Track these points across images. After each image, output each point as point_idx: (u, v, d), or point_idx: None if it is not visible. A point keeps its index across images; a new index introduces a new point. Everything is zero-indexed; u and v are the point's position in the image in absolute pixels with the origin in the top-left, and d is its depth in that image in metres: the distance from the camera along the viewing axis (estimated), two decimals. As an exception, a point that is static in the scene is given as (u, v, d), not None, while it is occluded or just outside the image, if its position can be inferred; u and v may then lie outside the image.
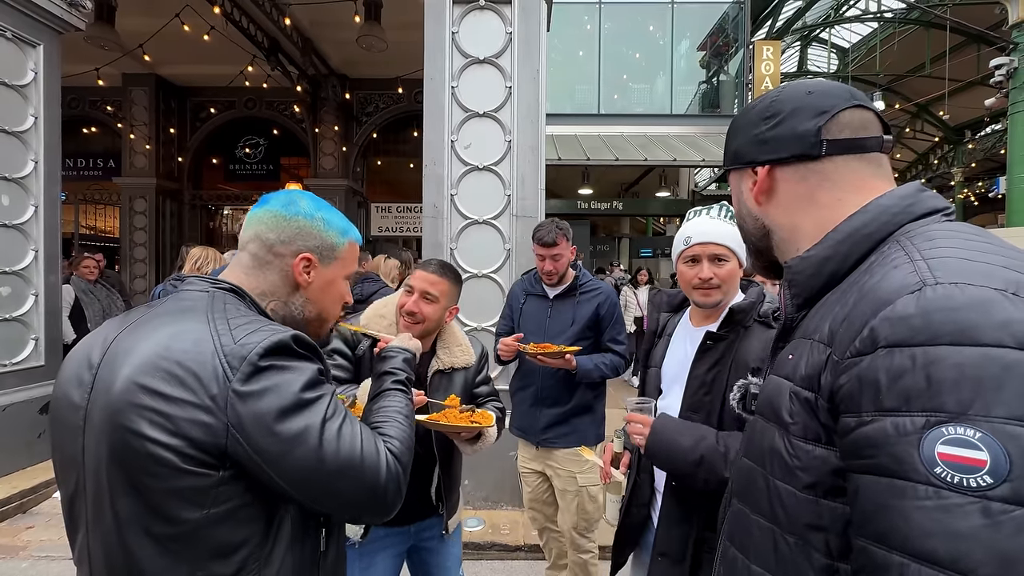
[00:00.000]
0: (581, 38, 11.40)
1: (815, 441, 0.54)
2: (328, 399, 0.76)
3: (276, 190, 0.93)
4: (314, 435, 0.72)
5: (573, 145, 9.53)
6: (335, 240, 0.90)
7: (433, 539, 1.62)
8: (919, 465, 0.43)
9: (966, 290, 0.46)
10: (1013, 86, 7.02)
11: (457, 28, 3.22)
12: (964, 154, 15.31)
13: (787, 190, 0.68)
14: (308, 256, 0.87)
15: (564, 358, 2.02)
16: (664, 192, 11.70)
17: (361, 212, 10.37)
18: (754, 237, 0.75)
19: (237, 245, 0.93)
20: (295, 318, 0.88)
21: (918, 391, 0.44)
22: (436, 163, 3.22)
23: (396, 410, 0.93)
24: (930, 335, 0.44)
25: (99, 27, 5.78)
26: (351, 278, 0.96)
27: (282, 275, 0.86)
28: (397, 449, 0.83)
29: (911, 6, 10.64)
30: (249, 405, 0.69)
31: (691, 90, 11.91)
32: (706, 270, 1.27)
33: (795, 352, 0.60)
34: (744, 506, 0.65)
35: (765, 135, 0.69)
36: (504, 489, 3.23)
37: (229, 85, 8.51)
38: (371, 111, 9.75)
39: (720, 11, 11.39)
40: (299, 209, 0.88)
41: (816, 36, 14.99)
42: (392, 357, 1.08)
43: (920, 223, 0.58)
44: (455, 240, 3.24)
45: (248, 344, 0.71)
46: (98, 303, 4.78)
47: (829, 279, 0.61)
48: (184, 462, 0.67)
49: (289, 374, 0.72)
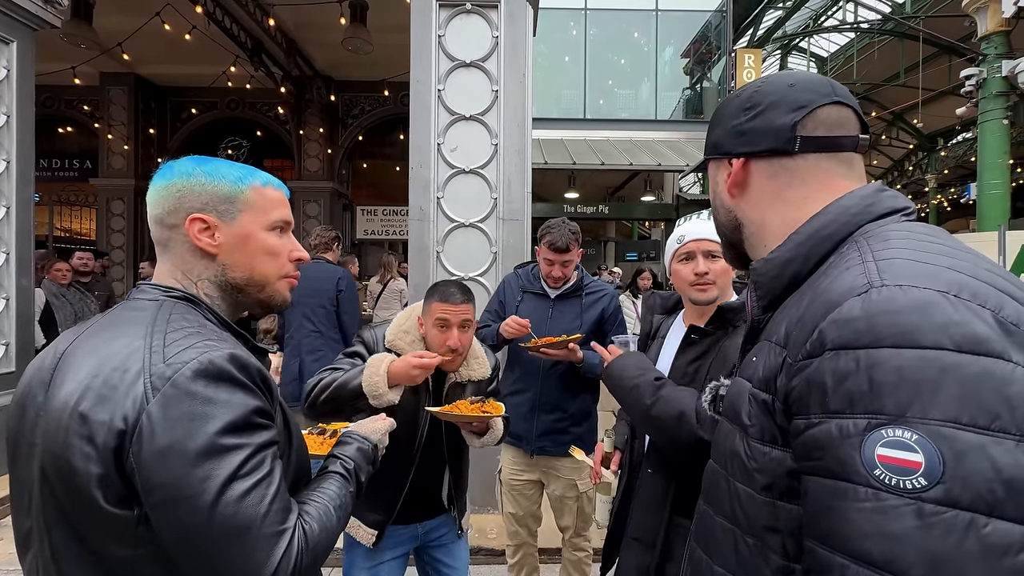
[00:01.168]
0: (567, 43, 11.50)
1: (771, 443, 0.54)
2: (252, 450, 0.65)
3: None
4: (211, 491, 0.61)
5: (559, 149, 9.59)
6: (228, 190, 0.78)
7: (443, 539, 1.63)
8: (860, 467, 0.43)
9: (909, 292, 0.46)
10: (982, 96, 7.27)
11: (443, 31, 3.23)
12: (937, 161, 15.80)
13: (759, 185, 0.68)
14: (199, 216, 0.75)
15: (568, 348, 1.94)
16: (649, 196, 11.83)
17: (347, 215, 10.28)
18: (726, 229, 0.75)
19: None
20: (225, 288, 0.79)
21: (861, 393, 0.44)
22: (422, 166, 3.21)
23: (330, 497, 0.82)
24: (873, 338, 0.45)
25: (76, 25, 5.66)
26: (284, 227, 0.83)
27: (187, 249, 0.76)
28: (311, 532, 0.72)
29: (886, 17, 10.97)
30: (155, 434, 0.60)
31: (675, 96, 12.09)
32: (701, 265, 1.30)
33: (758, 354, 0.61)
34: (709, 507, 0.66)
35: (743, 126, 0.68)
36: (490, 492, 3.22)
37: (211, 86, 8.39)
38: (357, 113, 9.69)
39: (703, 19, 11.60)
40: (175, 172, 0.77)
41: (796, 45, 15.34)
42: (347, 443, 0.97)
43: (879, 223, 0.58)
44: (441, 243, 3.23)
45: (176, 363, 0.63)
46: (70, 307, 4.64)
47: (792, 281, 0.61)
48: (105, 498, 0.61)
49: (211, 408, 0.63)
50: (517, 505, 2.26)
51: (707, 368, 1.20)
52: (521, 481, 2.23)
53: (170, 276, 0.79)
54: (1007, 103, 7.17)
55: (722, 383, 0.71)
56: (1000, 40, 7.04)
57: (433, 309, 1.46)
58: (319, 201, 9.48)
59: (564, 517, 2.22)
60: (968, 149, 13.60)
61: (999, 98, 7.12)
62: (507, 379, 2.29)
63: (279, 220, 0.82)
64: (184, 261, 0.78)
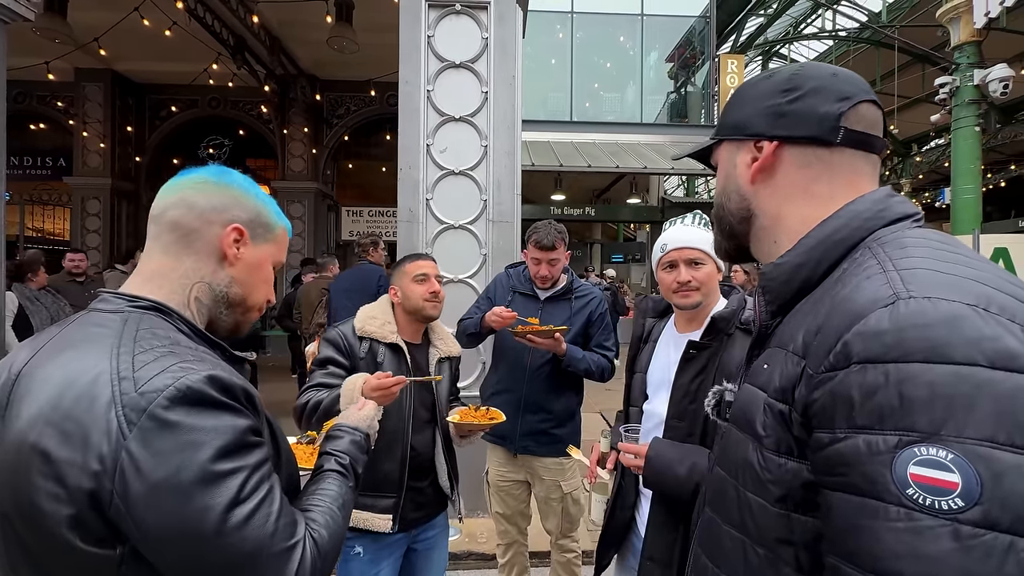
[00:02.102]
0: (554, 46, 11.55)
1: (787, 454, 0.53)
2: (249, 471, 0.62)
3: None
4: (214, 521, 0.58)
5: (546, 151, 9.62)
6: (270, 219, 0.82)
7: (428, 540, 1.70)
8: (891, 486, 0.42)
9: (939, 305, 0.44)
10: (955, 103, 7.49)
11: (433, 32, 3.21)
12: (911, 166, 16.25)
13: (787, 173, 0.64)
14: (241, 228, 0.76)
15: (555, 338, 1.98)
16: (635, 199, 11.93)
17: (331, 216, 10.15)
18: (734, 217, 0.70)
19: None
20: (219, 300, 0.77)
21: (891, 409, 0.43)
22: (411, 167, 3.19)
23: (331, 497, 0.81)
24: (903, 352, 0.44)
25: (49, 18, 5.49)
26: (278, 267, 0.87)
27: (207, 247, 0.75)
28: (320, 539, 0.71)
29: (863, 26, 11.26)
30: (141, 472, 0.56)
31: (660, 100, 12.23)
32: (683, 274, 1.31)
33: (770, 362, 0.59)
34: (716, 515, 0.64)
35: (783, 108, 0.63)
36: (480, 496, 3.19)
37: (192, 83, 8.22)
38: (342, 113, 9.59)
39: (687, 24, 11.76)
40: (233, 179, 0.79)
41: (776, 51, 15.64)
42: (339, 437, 0.95)
43: (891, 229, 0.57)
44: (431, 245, 3.20)
45: (151, 391, 0.58)
46: (45, 311, 4.47)
47: (802, 286, 0.59)
48: (82, 539, 0.57)
49: (199, 435, 0.59)
50: (504, 505, 2.27)
51: (710, 382, 1.20)
52: (508, 481, 2.25)
53: (153, 277, 0.74)
54: (979, 111, 7.39)
55: (726, 387, 0.69)
56: (972, 50, 7.27)
57: (408, 270, 1.64)
58: (303, 202, 9.35)
59: (549, 519, 2.23)
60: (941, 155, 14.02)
61: (971, 106, 7.34)
62: (492, 379, 2.30)
63: (280, 263, 0.87)
64: (198, 259, 0.75)
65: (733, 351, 1.19)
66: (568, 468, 2.18)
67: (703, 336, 1.25)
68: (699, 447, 1.21)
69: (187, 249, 0.75)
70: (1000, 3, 6.49)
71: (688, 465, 1.17)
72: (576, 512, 2.22)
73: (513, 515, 2.28)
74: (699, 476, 1.14)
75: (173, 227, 0.74)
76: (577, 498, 2.21)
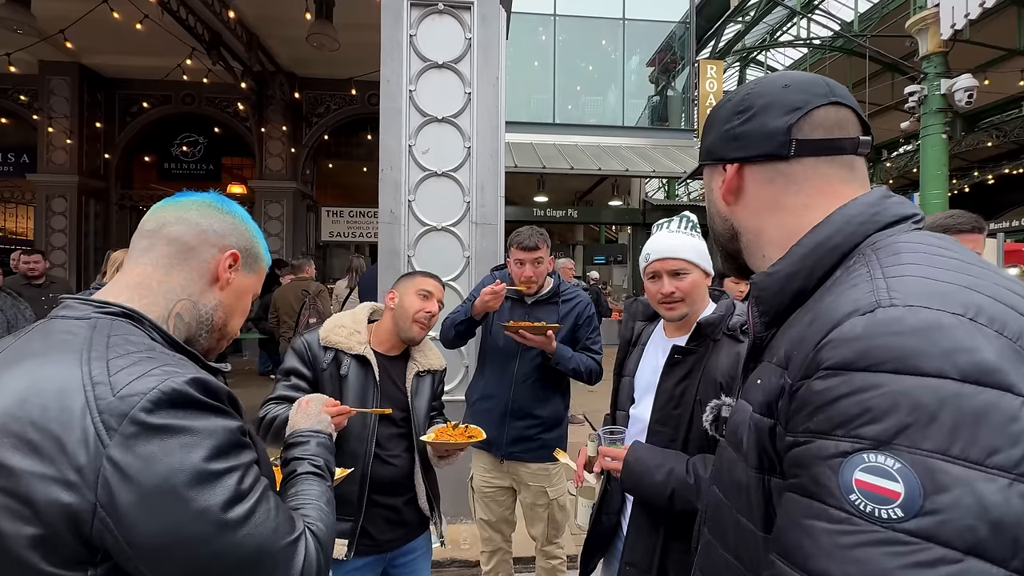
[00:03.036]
0: (536, 48, 11.57)
1: (770, 472, 0.51)
2: (244, 469, 0.61)
3: (216, 190, 0.87)
4: (214, 522, 0.56)
5: (529, 153, 9.62)
6: (260, 252, 0.84)
7: (407, 564, 1.61)
8: (835, 489, 0.42)
9: (918, 313, 0.43)
10: (924, 111, 7.77)
11: (415, 31, 3.16)
12: (882, 171, 16.78)
13: (754, 191, 0.64)
14: (237, 253, 0.78)
15: (546, 335, 1.95)
16: (616, 201, 12.03)
17: (311, 216, 9.97)
18: (723, 239, 0.70)
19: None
20: (202, 321, 0.75)
21: (848, 416, 0.42)
22: (393, 168, 3.13)
23: (316, 496, 0.80)
24: (872, 360, 0.42)
25: (11, 8, 5.26)
26: (255, 299, 0.90)
27: (202, 268, 0.75)
28: (320, 532, 0.71)
29: (836, 35, 11.59)
30: (130, 479, 0.53)
31: (641, 103, 12.36)
32: (667, 286, 1.28)
33: (762, 376, 0.57)
34: (713, 538, 0.62)
35: (736, 131, 0.64)
36: (463, 502, 3.15)
37: (165, 79, 7.97)
38: (322, 112, 9.43)
39: (668, 29, 11.92)
40: (234, 208, 0.81)
41: (754, 58, 16.00)
42: (304, 442, 0.93)
43: (887, 232, 0.55)
44: (413, 247, 3.15)
45: (132, 395, 0.55)
46: (1, 314, 4.26)
47: (796, 296, 0.57)
48: (49, 560, 0.53)
49: (189, 436, 0.56)
50: (489, 511, 2.24)
51: (695, 388, 1.20)
52: (493, 487, 2.22)
53: (136, 287, 0.70)
54: (945, 119, 7.68)
55: (724, 402, 0.68)
56: (939, 60, 7.54)
57: (416, 281, 1.59)
58: (281, 201, 9.16)
59: (535, 525, 2.21)
60: (910, 160, 14.51)
61: (939, 114, 7.62)
62: (477, 384, 2.27)
63: (256, 297, 0.88)
64: (190, 277, 0.75)
65: (719, 358, 1.19)
66: (554, 474, 2.16)
67: (689, 341, 1.24)
68: (679, 453, 1.21)
69: (181, 265, 0.74)
70: (965, 16, 6.75)
71: (666, 471, 1.17)
72: (562, 518, 2.21)
73: (498, 522, 2.25)
74: (676, 483, 1.15)
75: (171, 241, 0.74)
76: (563, 504, 2.20)
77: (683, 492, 1.14)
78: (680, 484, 1.14)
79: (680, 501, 1.14)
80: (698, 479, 1.13)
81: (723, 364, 1.17)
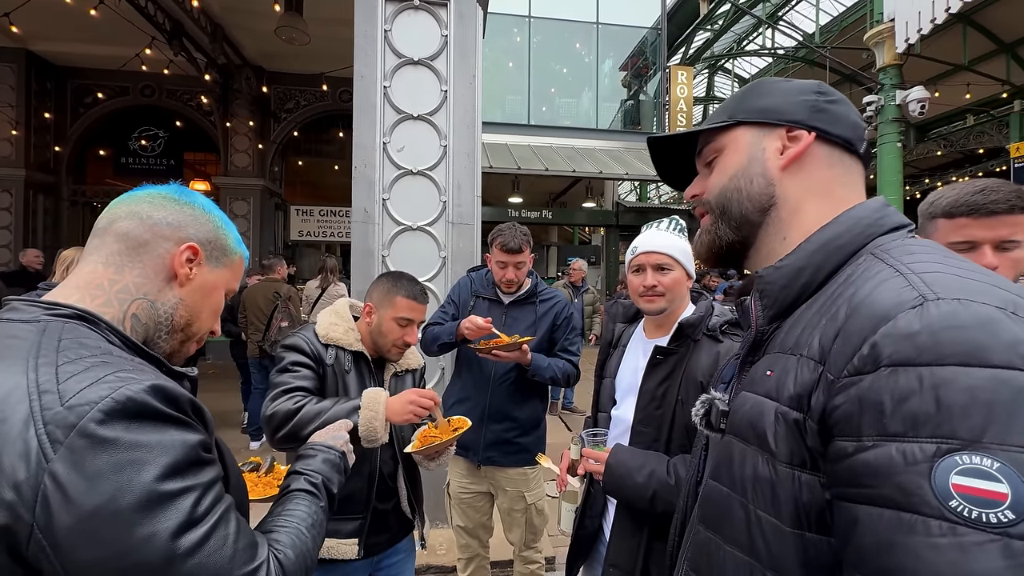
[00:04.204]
0: (511, 49, 11.58)
1: (800, 466, 0.50)
2: (201, 490, 0.56)
3: (179, 183, 0.80)
4: (163, 549, 0.51)
5: (504, 153, 9.61)
6: (228, 243, 0.77)
7: (393, 566, 1.59)
8: (931, 498, 0.39)
9: (969, 307, 0.42)
10: (880, 121, 8.14)
11: (390, 26, 3.10)
12: (841, 178, 17.55)
13: (816, 168, 0.63)
14: (195, 246, 0.71)
15: (521, 349, 1.92)
16: (590, 203, 12.14)
17: (279, 214, 9.67)
18: (752, 203, 0.65)
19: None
20: (160, 322, 0.69)
21: (927, 415, 0.40)
22: (367, 165, 3.06)
23: (299, 518, 0.77)
24: (937, 354, 0.41)
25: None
26: (231, 295, 0.82)
27: (156, 264, 0.69)
28: (287, 560, 0.67)
29: (799, 45, 12.05)
30: (70, 500, 0.48)
31: (614, 107, 12.53)
32: (650, 278, 1.32)
33: (774, 368, 0.56)
34: (715, 535, 0.60)
35: (822, 105, 0.64)
36: (440, 507, 3.10)
37: (122, 69, 7.60)
38: (291, 107, 9.16)
39: (640, 35, 12.12)
40: (194, 198, 0.75)
41: (722, 66, 16.47)
42: (311, 456, 0.92)
43: (890, 237, 0.57)
44: (387, 247, 3.08)
45: (81, 405, 0.50)
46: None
47: (802, 290, 0.58)
48: None
49: (141, 453, 0.52)
50: (466, 517, 2.19)
51: (676, 388, 1.21)
52: (470, 493, 2.17)
53: (87, 287, 0.65)
54: (900, 128, 8.08)
55: (715, 396, 0.66)
56: (895, 72, 7.92)
57: (398, 305, 1.47)
58: (248, 199, 8.85)
59: (513, 531, 2.18)
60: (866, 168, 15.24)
61: (894, 123, 7.99)
62: (454, 387, 2.23)
63: (233, 291, 0.81)
64: (144, 274, 0.69)
65: (699, 357, 1.20)
66: (532, 478, 2.14)
67: (670, 342, 1.25)
68: (660, 455, 1.22)
69: (133, 262, 0.68)
70: (918, 31, 7.12)
71: (647, 473, 1.17)
72: (540, 523, 2.19)
73: (475, 528, 2.21)
74: (657, 484, 1.15)
75: (120, 238, 0.68)
76: (541, 508, 2.18)
77: (664, 494, 1.14)
78: (661, 485, 1.15)
79: (662, 503, 1.15)
80: (679, 480, 1.13)
81: (703, 364, 1.18)
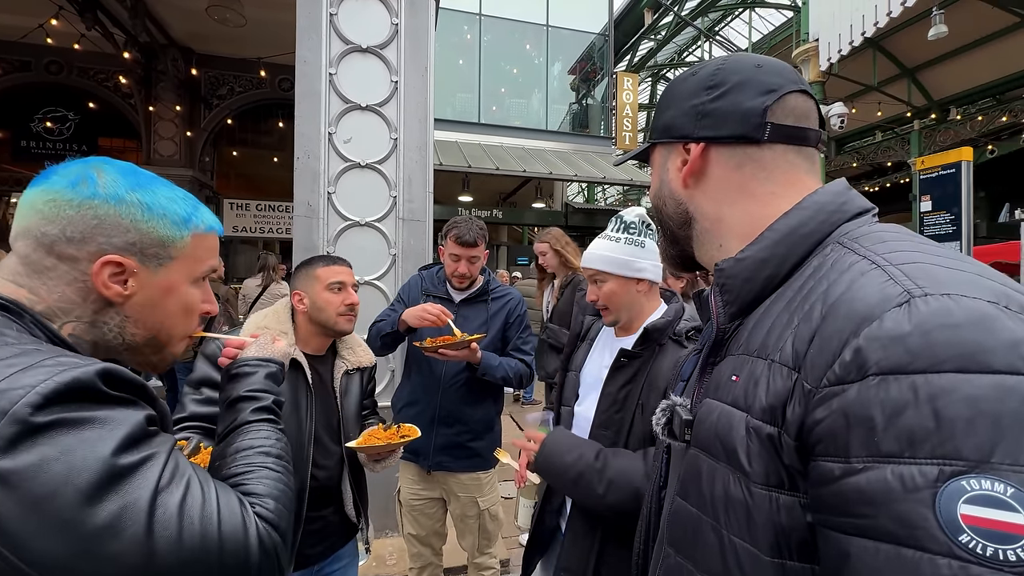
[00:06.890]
0: (462, 47, 11.46)
1: (778, 487, 0.45)
2: (163, 457, 0.51)
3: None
4: (138, 520, 0.47)
5: (454, 151, 9.49)
6: (166, 233, 0.62)
7: (336, 571, 1.50)
8: (937, 531, 0.33)
9: (961, 302, 0.37)
10: (806, 133, 8.85)
11: (336, 10, 2.93)
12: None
13: (719, 175, 0.60)
14: (116, 259, 0.58)
15: (470, 348, 1.84)
16: (540, 204, 12.25)
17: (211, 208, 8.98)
18: (673, 223, 0.64)
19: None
20: (112, 345, 0.60)
21: (925, 431, 0.35)
22: (310, 156, 2.88)
23: (263, 451, 0.65)
24: (932, 359, 0.36)
25: None
26: (206, 276, 0.68)
27: (77, 287, 0.57)
28: (270, 513, 0.59)
29: (735, 59, 12.84)
30: (12, 488, 0.44)
31: (563, 109, 12.72)
32: (590, 292, 1.31)
33: (740, 372, 0.51)
34: (686, 561, 0.54)
35: (706, 107, 0.59)
36: (389, 514, 2.98)
37: (22, 40, 6.75)
38: (224, 94, 8.54)
39: (588, 40, 12.38)
40: (96, 189, 0.58)
41: (664, 75, 17.18)
42: (249, 374, 0.77)
43: (856, 223, 0.53)
44: (333, 243, 2.92)
45: (14, 390, 0.45)
46: None
47: (765, 284, 0.53)
48: None
49: (90, 430, 0.47)
50: (418, 525, 2.10)
51: (638, 392, 1.19)
52: (421, 499, 2.09)
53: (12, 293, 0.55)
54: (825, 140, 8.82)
55: (676, 402, 0.61)
56: (818, 88, 8.60)
57: (320, 275, 1.42)
58: (175, 191, 8.16)
59: (466, 537, 2.12)
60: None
61: (817, 136, 8.72)
62: (403, 390, 2.14)
63: (208, 271, 0.67)
64: (64, 297, 0.57)
65: (662, 363, 1.18)
66: (486, 483, 2.08)
67: (635, 345, 1.22)
68: (595, 443, 1.21)
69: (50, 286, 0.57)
70: (839, 52, 7.76)
71: (576, 455, 1.16)
72: (494, 528, 2.13)
73: (428, 536, 2.12)
74: (583, 466, 1.14)
75: (24, 260, 0.57)
76: (496, 514, 2.13)
77: (589, 476, 1.13)
78: (587, 467, 1.14)
79: (583, 487, 1.13)
80: (606, 466, 1.13)
81: (667, 369, 1.17)
